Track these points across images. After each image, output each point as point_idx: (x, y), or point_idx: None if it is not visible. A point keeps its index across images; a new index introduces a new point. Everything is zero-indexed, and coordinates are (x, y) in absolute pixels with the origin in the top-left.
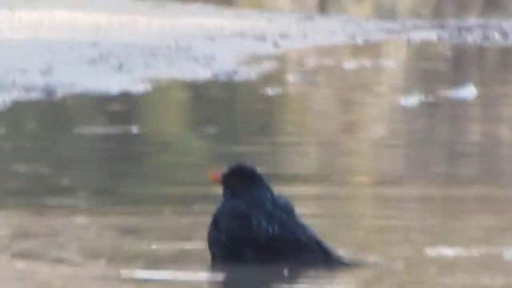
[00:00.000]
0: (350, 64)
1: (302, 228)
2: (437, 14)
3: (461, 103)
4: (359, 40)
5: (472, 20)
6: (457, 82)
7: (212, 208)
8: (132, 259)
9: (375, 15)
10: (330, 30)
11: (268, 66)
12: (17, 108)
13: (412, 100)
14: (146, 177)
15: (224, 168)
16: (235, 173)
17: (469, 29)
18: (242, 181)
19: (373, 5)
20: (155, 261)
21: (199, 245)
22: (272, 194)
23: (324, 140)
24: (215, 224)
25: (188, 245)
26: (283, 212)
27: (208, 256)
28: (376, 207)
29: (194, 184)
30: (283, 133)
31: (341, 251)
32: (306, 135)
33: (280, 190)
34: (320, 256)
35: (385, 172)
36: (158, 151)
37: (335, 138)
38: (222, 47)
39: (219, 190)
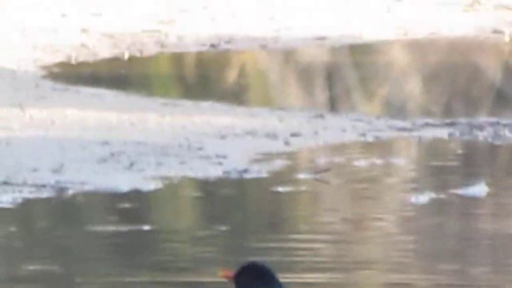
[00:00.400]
0: (360, 162)
1: None
2: (448, 112)
3: (472, 200)
4: (370, 138)
5: (483, 118)
6: (468, 179)
7: None
8: None
9: (385, 113)
10: (340, 128)
11: (279, 164)
12: (28, 206)
13: (423, 197)
14: (158, 273)
15: (236, 266)
16: (247, 271)
17: (480, 127)
18: (254, 279)
19: (383, 103)
20: None
21: None
22: None
23: (334, 235)
24: None
25: None
26: None
27: None
28: None
29: (206, 280)
30: (293, 229)
31: None
32: (316, 231)
33: (290, 279)
34: None
35: (394, 262)
36: (170, 248)
37: (344, 232)
38: (233, 145)
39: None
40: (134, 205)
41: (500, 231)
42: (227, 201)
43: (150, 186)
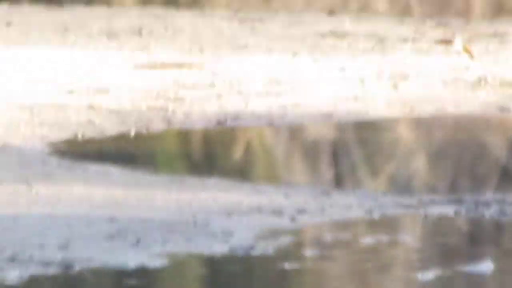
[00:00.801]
0: (366, 239)
1: None
2: (454, 190)
3: (478, 278)
4: (376, 215)
5: (489, 195)
6: (474, 257)
7: None
8: None
9: (391, 190)
10: (346, 205)
11: (285, 241)
12: (34, 284)
13: (429, 275)
14: None
15: None
16: None
17: (486, 204)
18: None
19: (389, 180)
20: None
21: None
22: None
23: None
24: None
25: None
26: None
27: None
28: None
29: None
30: None
31: None
32: None
33: None
34: None
35: None
36: None
37: None
38: (239, 222)
39: None
40: (141, 282)
41: None
42: (234, 278)
43: (157, 263)
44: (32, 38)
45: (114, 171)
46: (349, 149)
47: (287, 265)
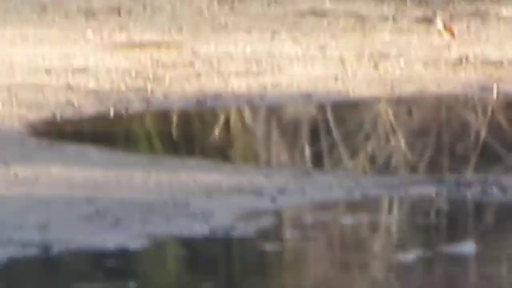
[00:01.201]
0: (347, 219)
1: None
2: (435, 170)
3: (459, 259)
4: (357, 195)
5: (471, 175)
6: (456, 237)
7: None
8: None
9: (372, 169)
10: (327, 185)
11: (265, 221)
12: (13, 265)
13: (410, 256)
14: None
15: None
16: None
17: (467, 184)
18: None
19: (369, 159)
20: None
21: None
22: None
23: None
24: None
25: None
26: None
27: None
28: None
29: None
30: None
31: None
32: None
33: None
34: None
35: None
36: None
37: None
38: (219, 202)
39: None
40: (120, 263)
41: None
42: (213, 259)
43: (136, 244)
44: (9, 18)
45: (93, 151)
46: (329, 129)
47: (267, 246)
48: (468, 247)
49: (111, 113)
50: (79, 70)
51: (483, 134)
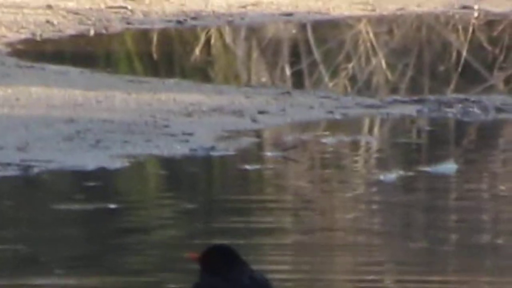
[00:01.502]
0: (328, 139)
1: None
2: (416, 89)
3: (441, 178)
4: (338, 115)
5: (452, 95)
6: (437, 157)
7: (188, 286)
8: None
9: (353, 89)
10: (308, 105)
11: (246, 141)
12: None
13: (391, 175)
14: (124, 253)
15: (202, 248)
16: (213, 253)
17: (448, 104)
18: (220, 261)
19: (351, 79)
20: None
21: None
22: (250, 272)
23: (301, 214)
24: None
25: None
26: None
27: None
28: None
29: (171, 261)
30: (260, 209)
31: None
32: (282, 211)
33: (256, 262)
34: None
35: (360, 242)
36: (135, 227)
37: (311, 212)
38: (199, 123)
39: (196, 268)
40: (100, 183)
41: (469, 209)
42: (194, 179)
43: (116, 164)
44: None
45: (73, 71)
46: (310, 49)
47: (247, 166)
48: (449, 166)
49: (91, 32)
50: None
51: (464, 53)
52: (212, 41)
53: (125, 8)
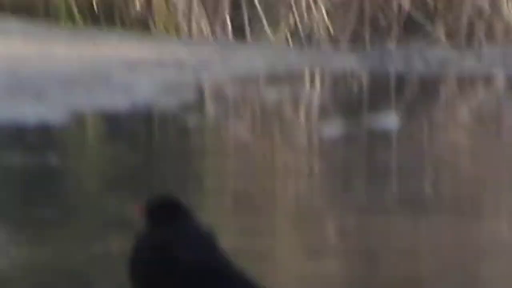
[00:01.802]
0: (270, 93)
1: (225, 260)
2: (358, 42)
3: (382, 132)
4: (279, 69)
5: (393, 47)
6: (379, 111)
7: (131, 241)
8: None
9: (294, 42)
10: (250, 58)
11: (187, 95)
12: None
13: (333, 129)
14: (62, 209)
15: (145, 201)
16: (157, 206)
17: (390, 57)
18: (165, 214)
19: (291, 32)
20: None
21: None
22: (196, 225)
23: (241, 172)
24: (135, 256)
25: None
26: (206, 243)
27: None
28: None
29: (113, 215)
30: (202, 165)
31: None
32: (224, 167)
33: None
34: None
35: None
36: (76, 182)
37: (252, 169)
38: (141, 75)
39: (140, 222)
40: (40, 137)
41: (408, 163)
42: (136, 133)
43: (57, 117)
44: None
45: (12, 23)
46: (251, 1)
47: (189, 120)
48: (391, 120)
49: None
50: None
51: (406, 5)
52: None
53: None
